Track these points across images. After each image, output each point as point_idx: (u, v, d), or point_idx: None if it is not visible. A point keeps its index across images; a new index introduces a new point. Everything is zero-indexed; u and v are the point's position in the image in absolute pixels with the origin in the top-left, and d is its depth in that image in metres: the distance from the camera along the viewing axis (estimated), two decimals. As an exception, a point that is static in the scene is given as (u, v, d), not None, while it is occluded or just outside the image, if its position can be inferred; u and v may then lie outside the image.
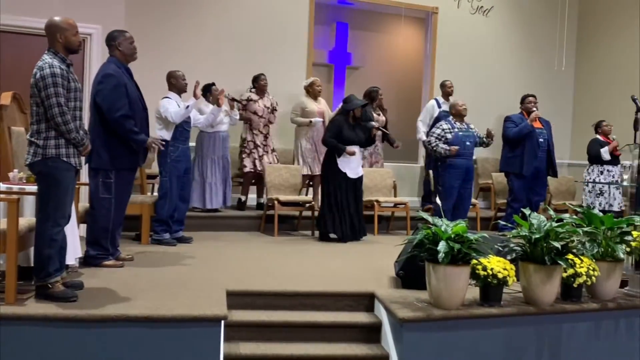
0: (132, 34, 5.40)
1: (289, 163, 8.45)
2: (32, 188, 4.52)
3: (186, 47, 8.51)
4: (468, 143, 7.55)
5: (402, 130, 10.40)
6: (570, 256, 4.46)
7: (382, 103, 8.63)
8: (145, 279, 4.88)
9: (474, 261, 4.24)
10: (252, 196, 8.45)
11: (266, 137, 8.13)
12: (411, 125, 9.46)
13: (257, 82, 8.12)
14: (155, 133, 6.20)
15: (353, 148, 7.15)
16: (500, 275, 4.22)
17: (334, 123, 7.29)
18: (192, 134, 6.92)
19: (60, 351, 3.82)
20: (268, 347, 4.30)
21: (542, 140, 8.08)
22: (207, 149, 7.52)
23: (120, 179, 5.30)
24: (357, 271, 5.52)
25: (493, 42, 10.25)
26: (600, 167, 8.50)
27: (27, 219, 4.40)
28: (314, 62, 9.66)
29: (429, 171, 8.17)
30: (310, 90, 8.43)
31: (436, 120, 8.45)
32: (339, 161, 7.12)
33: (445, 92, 9.00)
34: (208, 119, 7.09)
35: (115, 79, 5.17)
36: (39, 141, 4.10)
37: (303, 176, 8.15)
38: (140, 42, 5.45)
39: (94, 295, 4.28)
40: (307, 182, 8.53)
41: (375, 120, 7.75)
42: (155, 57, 7.88)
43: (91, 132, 5.05)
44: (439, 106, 8.90)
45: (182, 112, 6.27)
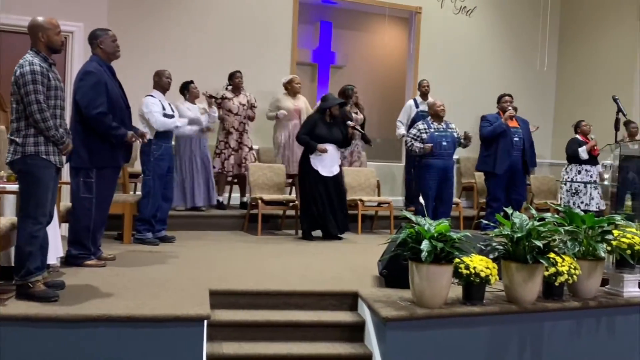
0: (114, 32, 5.37)
1: (268, 161, 8.43)
2: (13, 187, 4.48)
3: (168, 45, 8.48)
4: (445, 143, 7.58)
5: (385, 129, 10.45)
6: (552, 255, 4.49)
7: (358, 101, 8.64)
8: (127, 278, 4.84)
9: (457, 260, 4.26)
10: (235, 195, 8.43)
11: (242, 134, 8.07)
12: (394, 124, 9.48)
13: (232, 80, 8.09)
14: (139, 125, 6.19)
15: (326, 146, 7.13)
16: (482, 274, 4.25)
17: (308, 121, 7.32)
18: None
19: (41, 352, 3.78)
20: (251, 346, 4.29)
21: (517, 139, 8.11)
22: (185, 147, 7.47)
23: (102, 178, 5.26)
24: (340, 270, 5.52)
25: (476, 42, 10.31)
26: (579, 166, 8.57)
27: (9, 218, 4.36)
28: (297, 61, 9.66)
29: (411, 170, 8.20)
30: (289, 88, 8.43)
31: (414, 121, 8.50)
32: (312, 158, 7.13)
33: (422, 91, 9.04)
34: (193, 129, 7.21)
35: (96, 77, 5.13)
36: (19, 139, 4.09)
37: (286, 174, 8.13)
38: (121, 39, 5.41)
39: (75, 295, 4.24)
40: (290, 181, 8.52)
41: (353, 120, 7.77)
42: (137, 55, 7.85)
43: (72, 131, 5.01)
44: (417, 106, 8.95)
45: (167, 125, 6.37)
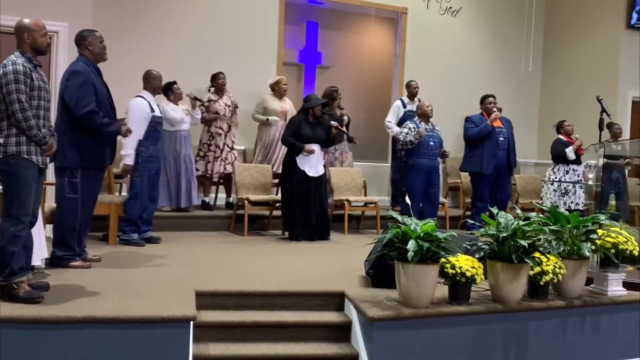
0: (100, 33, 5.35)
1: (251, 162, 8.42)
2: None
3: (153, 45, 8.43)
4: (432, 143, 7.63)
5: (372, 129, 10.45)
6: (537, 254, 4.52)
7: (339, 103, 8.64)
8: (113, 279, 4.82)
9: (443, 260, 4.28)
10: (221, 195, 8.41)
11: (226, 135, 8.05)
12: (381, 125, 9.48)
13: (215, 81, 8.07)
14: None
15: (312, 146, 7.14)
16: (468, 274, 4.27)
17: (292, 122, 7.30)
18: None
19: (25, 354, 3.75)
20: (238, 347, 4.28)
21: (502, 139, 8.16)
22: (169, 147, 7.44)
23: (87, 178, 5.24)
24: (327, 270, 5.52)
25: (462, 43, 10.35)
26: (566, 166, 8.62)
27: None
28: (284, 62, 9.66)
29: (398, 171, 8.21)
30: (276, 89, 8.41)
31: (402, 121, 8.51)
32: (298, 159, 7.12)
33: (411, 92, 9.05)
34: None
35: (83, 76, 5.12)
36: (1, 139, 4.09)
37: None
38: (106, 39, 5.38)
39: (60, 296, 4.21)
40: (277, 181, 8.50)
41: (341, 120, 7.78)
42: (122, 55, 7.78)
43: (57, 131, 4.98)
44: (404, 106, 8.96)
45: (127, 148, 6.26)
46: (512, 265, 4.41)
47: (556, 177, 8.64)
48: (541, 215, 4.82)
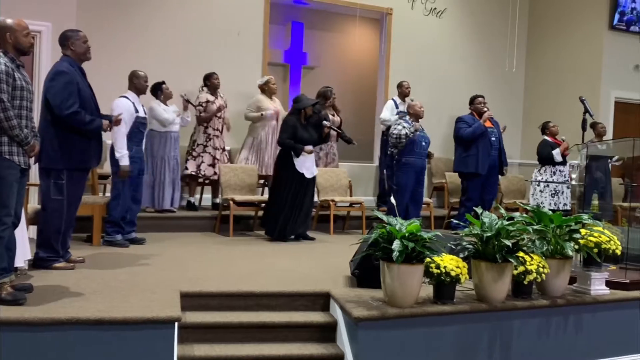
0: (84, 33, 5.32)
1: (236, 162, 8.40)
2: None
3: (138, 45, 8.39)
4: (424, 143, 7.65)
5: (357, 129, 10.44)
6: (521, 254, 4.55)
7: (334, 103, 8.64)
8: (97, 281, 4.79)
9: (428, 259, 4.29)
10: (207, 196, 8.38)
11: (218, 136, 8.06)
12: (366, 125, 9.53)
13: (210, 81, 8.04)
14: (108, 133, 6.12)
15: (309, 147, 7.17)
16: (453, 273, 4.29)
17: (287, 124, 7.22)
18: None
19: (8, 356, 3.71)
20: (223, 348, 4.27)
21: (494, 139, 8.21)
22: (158, 148, 7.42)
23: (72, 179, 5.20)
24: (312, 271, 5.52)
25: (446, 43, 10.39)
26: (553, 167, 8.66)
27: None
28: (269, 62, 9.64)
29: (384, 170, 8.23)
30: (266, 89, 8.39)
31: (393, 121, 8.51)
32: (296, 162, 7.10)
33: (402, 92, 9.07)
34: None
35: (68, 77, 5.08)
36: (-18, 139, 4.04)
37: (258, 176, 8.11)
38: (90, 39, 5.35)
39: (43, 298, 4.18)
40: (263, 182, 8.49)
41: (329, 120, 7.78)
42: (105, 55, 7.74)
43: (41, 131, 4.97)
44: (396, 106, 8.97)
45: (115, 137, 6.16)
46: (496, 265, 4.43)
47: (543, 178, 8.67)
48: (525, 215, 4.85)
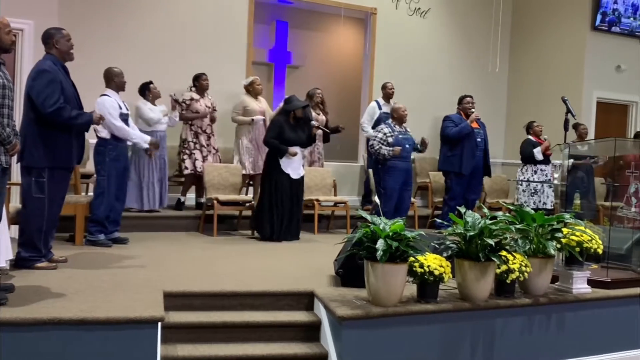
0: (67, 31, 5.28)
1: (230, 162, 8.39)
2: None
3: (120, 43, 8.33)
4: (407, 146, 7.68)
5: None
6: (504, 253, 4.58)
7: (322, 101, 8.64)
8: (80, 281, 4.76)
9: (412, 259, 4.31)
10: (190, 196, 8.36)
11: (209, 137, 8.04)
12: (351, 125, 9.52)
13: (198, 81, 8.02)
14: (93, 132, 6.09)
15: (295, 149, 7.15)
16: (436, 272, 4.31)
17: (275, 124, 7.23)
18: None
19: (-11, 357, 3.69)
20: (206, 348, 4.26)
21: (479, 140, 8.26)
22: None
23: (54, 178, 5.16)
24: (296, 270, 5.52)
25: (430, 43, 10.43)
26: (534, 166, 8.72)
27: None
28: (253, 61, 9.63)
29: (369, 170, 8.24)
30: (251, 89, 8.38)
31: (377, 122, 8.53)
32: (282, 162, 7.11)
33: (386, 93, 9.08)
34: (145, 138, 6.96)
35: (51, 75, 5.05)
36: (-37, 138, 4.01)
37: (243, 175, 8.09)
38: (73, 37, 5.31)
39: (25, 298, 4.15)
40: (247, 181, 8.49)
41: (314, 120, 7.79)
42: (87, 53, 7.67)
43: (24, 129, 4.94)
44: (380, 108, 8.98)
45: (126, 135, 6.29)
46: (479, 264, 4.46)
47: (525, 178, 8.75)
48: (508, 215, 4.88)
